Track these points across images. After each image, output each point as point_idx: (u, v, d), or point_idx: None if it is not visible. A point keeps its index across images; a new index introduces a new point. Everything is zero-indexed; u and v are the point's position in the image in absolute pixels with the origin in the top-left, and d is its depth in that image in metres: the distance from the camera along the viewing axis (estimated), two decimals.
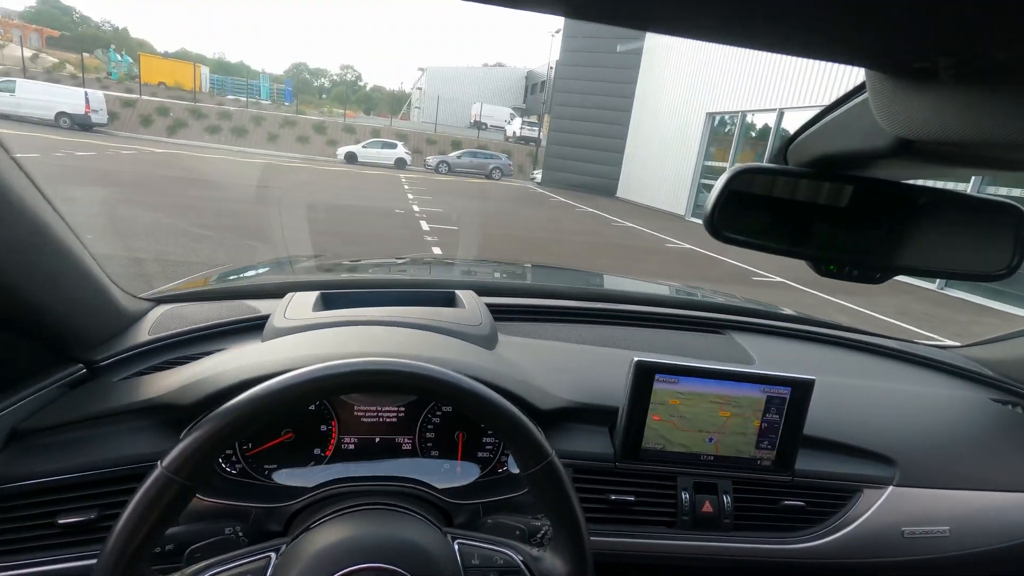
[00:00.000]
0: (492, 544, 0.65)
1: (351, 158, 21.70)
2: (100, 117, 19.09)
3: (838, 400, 1.07)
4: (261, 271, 1.64)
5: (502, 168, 23.27)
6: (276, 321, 0.95)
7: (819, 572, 0.95)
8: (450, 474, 0.91)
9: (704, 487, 0.91)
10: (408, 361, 0.60)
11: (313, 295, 1.07)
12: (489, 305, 1.16)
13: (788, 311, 1.59)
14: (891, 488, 0.96)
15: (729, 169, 0.61)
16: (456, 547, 0.64)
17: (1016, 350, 1.36)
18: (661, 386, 0.88)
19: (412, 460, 0.90)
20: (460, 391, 0.60)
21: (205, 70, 35.95)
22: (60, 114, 17.72)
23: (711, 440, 0.91)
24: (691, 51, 16.49)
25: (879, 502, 0.95)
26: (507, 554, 0.64)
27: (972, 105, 0.39)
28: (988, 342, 1.45)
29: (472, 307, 1.10)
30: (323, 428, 0.88)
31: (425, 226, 9.38)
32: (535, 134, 29.30)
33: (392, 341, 0.90)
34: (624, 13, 0.35)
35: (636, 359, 0.87)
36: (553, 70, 24.50)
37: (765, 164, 0.63)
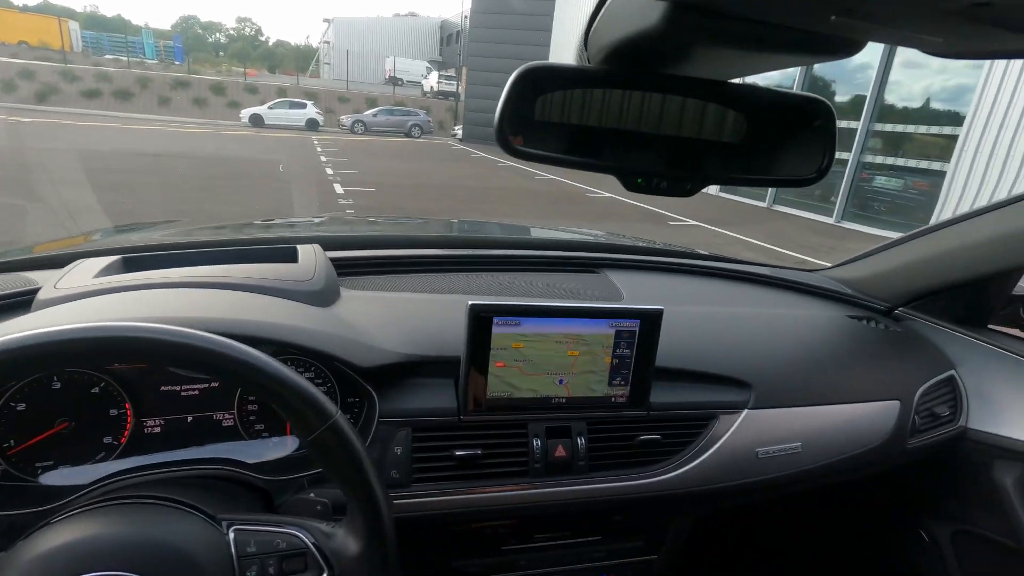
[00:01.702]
0: (275, 526, 0.56)
1: (257, 120, 20.17)
2: None
3: (697, 329, 1.05)
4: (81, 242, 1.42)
5: (421, 125, 22.44)
6: (44, 292, 0.79)
7: (677, 501, 0.94)
8: (276, 449, 0.81)
9: (557, 431, 0.87)
10: (125, 324, 0.48)
11: (107, 260, 0.91)
12: (337, 260, 1.04)
13: (666, 246, 1.57)
14: (745, 412, 0.96)
15: (516, 70, 0.52)
16: (231, 536, 0.55)
17: (872, 267, 1.41)
18: (502, 330, 0.81)
19: (231, 438, 0.80)
20: (200, 352, 0.49)
21: (74, 26, 31.81)
22: None
23: (561, 382, 0.86)
24: None
25: (734, 427, 0.94)
26: (293, 535, 0.56)
27: None
28: (851, 262, 1.50)
29: (307, 262, 0.98)
30: (113, 412, 0.75)
31: (339, 189, 8.92)
32: (454, 88, 28.35)
33: (182, 304, 0.77)
34: None
35: (470, 303, 0.79)
36: (468, 19, 23.54)
37: (556, 62, 0.54)
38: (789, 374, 1.03)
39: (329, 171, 10.70)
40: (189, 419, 0.79)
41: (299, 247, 1.05)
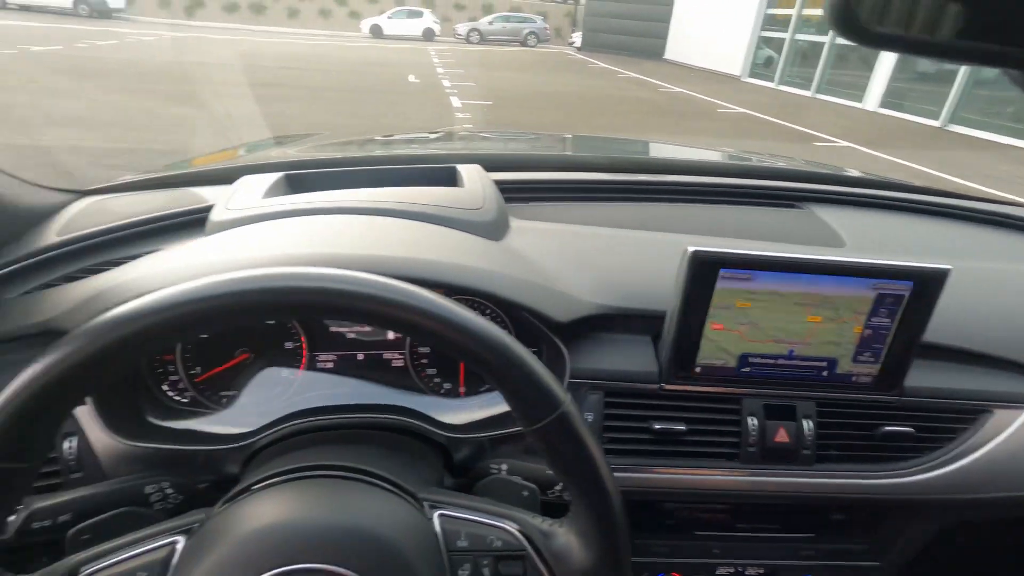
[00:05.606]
0: (486, 516, 0.47)
1: (376, 31, 20.22)
2: (118, 2, 18.21)
3: (957, 291, 0.80)
4: (238, 155, 1.41)
5: (537, 33, 21.27)
6: (216, 212, 0.74)
7: (920, 507, 0.76)
8: (450, 399, 0.73)
9: (778, 411, 0.70)
10: (341, 273, 0.38)
11: (272, 177, 0.85)
12: (500, 183, 0.91)
13: (877, 176, 1.26)
14: None
15: None
16: (437, 523, 0.47)
17: None
18: (727, 284, 0.64)
19: (403, 381, 0.73)
20: (419, 314, 0.38)
21: None
22: (78, 1, 16.95)
23: (791, 353, 0.68)
24: None
25: (1015, 425, 0.72)
26: (507, 531, 0.46)
27: None
28: None
29: (474, 184, 0.86)
30: (289, 345, 0.71)
31: (456, 102, 8.78)
32: None
33: (356, 235, 0.67)
34: None
35: (692, 250, 0.62)
36: None
37: None
38: None
39: (446, 83, 10.54)
40: (360, 356, 0.72)
41: (459, 168, 0.93)
